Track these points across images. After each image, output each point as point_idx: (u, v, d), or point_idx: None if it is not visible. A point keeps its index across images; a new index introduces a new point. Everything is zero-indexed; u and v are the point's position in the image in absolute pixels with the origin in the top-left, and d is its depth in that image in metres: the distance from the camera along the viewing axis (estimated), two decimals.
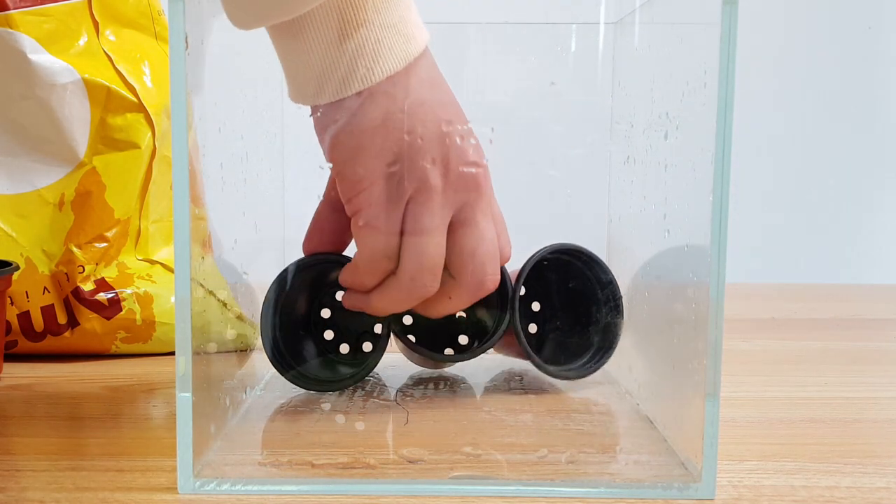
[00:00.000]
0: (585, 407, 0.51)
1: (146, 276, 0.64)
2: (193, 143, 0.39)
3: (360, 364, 0.53)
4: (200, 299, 0.40)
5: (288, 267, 0.53)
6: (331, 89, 0.44)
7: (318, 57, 0.43)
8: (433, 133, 0.45)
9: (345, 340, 0.55)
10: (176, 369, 0.38)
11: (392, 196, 0.45)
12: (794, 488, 0.39)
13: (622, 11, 0.53)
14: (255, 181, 0.52)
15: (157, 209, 0.65)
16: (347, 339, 0.55)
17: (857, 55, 1.37)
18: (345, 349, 0.55)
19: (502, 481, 0.39)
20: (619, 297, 0.54)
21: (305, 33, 0.43)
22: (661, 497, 0.38)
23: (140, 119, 0.62)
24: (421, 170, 0.44)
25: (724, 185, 0.37)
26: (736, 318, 0.80)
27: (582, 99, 0.56)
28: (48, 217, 0.62)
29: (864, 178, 1.40)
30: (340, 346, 0.55)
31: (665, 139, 0.46)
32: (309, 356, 0.54)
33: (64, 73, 0.60)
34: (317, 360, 0.54)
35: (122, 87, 0.62)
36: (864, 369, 0.63)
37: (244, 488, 0.39)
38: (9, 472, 0.41)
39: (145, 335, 0.63)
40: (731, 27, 0.36)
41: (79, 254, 0.61)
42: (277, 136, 0.57)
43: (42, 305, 0.62)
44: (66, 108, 0.60)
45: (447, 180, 0.45)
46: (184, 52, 0.36)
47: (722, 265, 0.38)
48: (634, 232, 0.53)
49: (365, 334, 0.54)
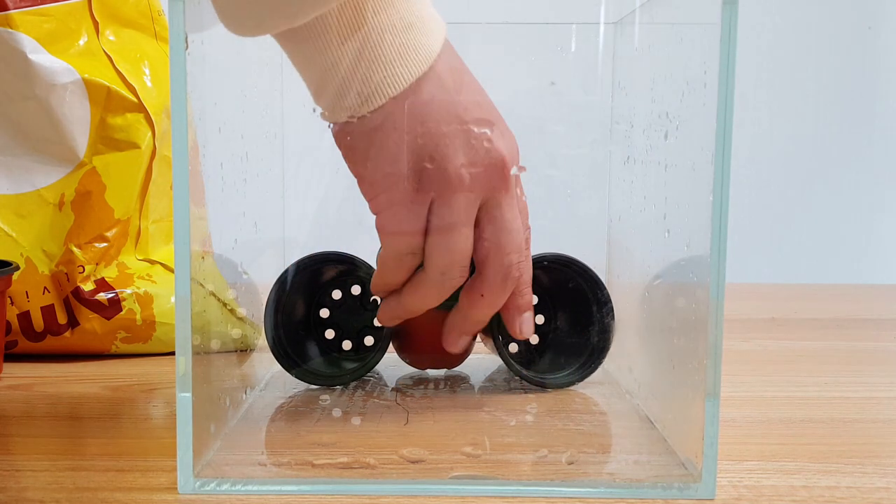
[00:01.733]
0: (585, 407, 0.51)
1: (146, 276, 0.64)
2: (193, 142, 0.39)
3: (363, 358, 0.53)
4: (201, 299, 0.40)
5: (288, 267, 0.53)
6: (351, 101, 0.43)
7: (329, 65, 0.42)
8: (458, 131, 0.44)
9: (347, 336, 0.55)
10: (176, 369, 0.38)
11: (416, 195, 0.44)
12: (794, 488, 0.39)
13: (622, 11, 0.53)
14: (255, 181, 0.52)
15: (157, 209, 0.65)
16: (349, 335, 0.55)
17: (857, 55, 1.37)
18: (347, 345, 0.55)
19: (502, 481, 0.39)
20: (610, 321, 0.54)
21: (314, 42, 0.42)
22: (661, 497, 0.38)
23: (140, 119, 0.62)
24: (445, 169, 0.44)
25: (724, 185, 0.37)
26: (736, 318, 0.80)
27: (582, 99, 0.56)
28: (48, 217, 0.62)
29: (864, 178, 1.40)
30: (343, 343, 0.55)
31: (665, 139, 0.46)
32: (313, 349, 0.54)
33: (64, 73, 0.60)
34: (322, 352, 0.55)
35: (122, 88, 0.62)
36: (864, 369, 0.63)
37: (244, 488, 0.39)
38: (9, 472, 0.41)
39: (145, 335, 0.63)
40: (731, 27, 0.36)
41: (79, 254, 0.61)
42: (277, 136, 0.57)
43: (42, 305, 0.62)
44: (66, 108, 0.60)
45: (473, 176, 0.44)
46: (184, 52, 0.36)
47: (722, 265, 0.38)
48: (634, 232, 0.53)
49: (366, 328, 0.55)
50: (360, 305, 0.55)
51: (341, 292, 0.55)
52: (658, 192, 0.47)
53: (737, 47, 0.36)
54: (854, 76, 1.38)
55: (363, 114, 0.43)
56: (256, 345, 0.54)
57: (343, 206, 0.58)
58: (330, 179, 0.57)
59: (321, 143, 0.55)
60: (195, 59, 0.37)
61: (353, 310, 0.55)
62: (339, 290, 0.55)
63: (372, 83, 0.42)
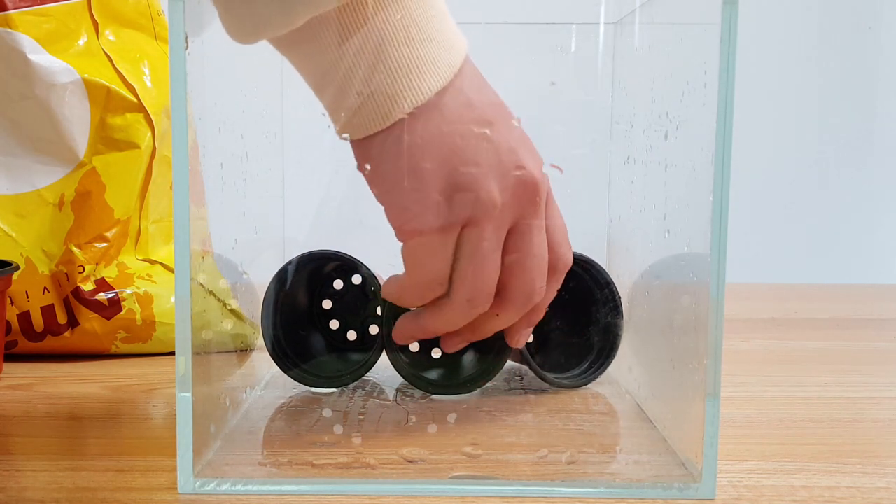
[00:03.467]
0: (585, 407, 0.51)
1: (146, 276, 0.64)
2: (193, 142, 0.39)
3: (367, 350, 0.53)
4: (200, 299, 0.40)
5: (286, 265, 0.53)
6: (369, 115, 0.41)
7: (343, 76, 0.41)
8: (491, 157, 0.42)
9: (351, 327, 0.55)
10: (176, 369, 0.38)
11: (446, 222, 0.42)
12: (794, 488, 0.39)
13: (622, 11, 0.53)
14: (255, 181, 0.52)
15: (157, 209, 0.65)
16: (353, 325, 0.55)
17: (857, 55, 1.37)
18: (352, 335, 0.55)
19: (502, 481, 0.39)
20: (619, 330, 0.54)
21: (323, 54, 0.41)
22: (661, 497, 0.38)
23: (140, 119, 0.62)
24: (479, 196, 0.42)
25: (725, 185, 0.37)
26: (736, 318, 0.80)
27: (582, 99, 0.56)
28: (48, 217, 0.62)
29: (864, 178, 1.40)
30: (347, 334, 0.55)
31: (665, 139, 0.46)
32: (315, 351, 0.54)
33: (64, 73, 0.60)
34: (323, 354, 0.55)
35: (122, 87, 0.62)
36: (864, 369, 0.63)
37: (244, 488, 0.39)
38: (9, 472, 0.41)
39: (145, 335, 0.63)
40: (731, 27, 0.36)
41: (79, 254, 0.61)
42: (277, 136, 0.57)
43: (42, 305, 0.62)
44: (65, 108, 0.60)
45: (506, 201, 0.43)
46: (184, 52, 0.36)
47: (722, 265, 0.38)
48: (634, 232, 0.53)
49: (369, 318, 0.55)
50: (363, 295, 0.55)
51: (342, 282, 0.55)
52: (658, 192, 0.47)
53: (737, 47, 0.36)
54: (854, 76, 1.38)
55: (383, 128, 0.41)
56: (255, 345, 0.54)
57: (343, 206, 0.58)
58: (330, 179, 0.57)
59: (321, 143, 0.55)
60: (195, 59, 0.37)
61: (355, 302, 0.55)
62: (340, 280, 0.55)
63: (390, 95, 0.41)
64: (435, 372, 0.53)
